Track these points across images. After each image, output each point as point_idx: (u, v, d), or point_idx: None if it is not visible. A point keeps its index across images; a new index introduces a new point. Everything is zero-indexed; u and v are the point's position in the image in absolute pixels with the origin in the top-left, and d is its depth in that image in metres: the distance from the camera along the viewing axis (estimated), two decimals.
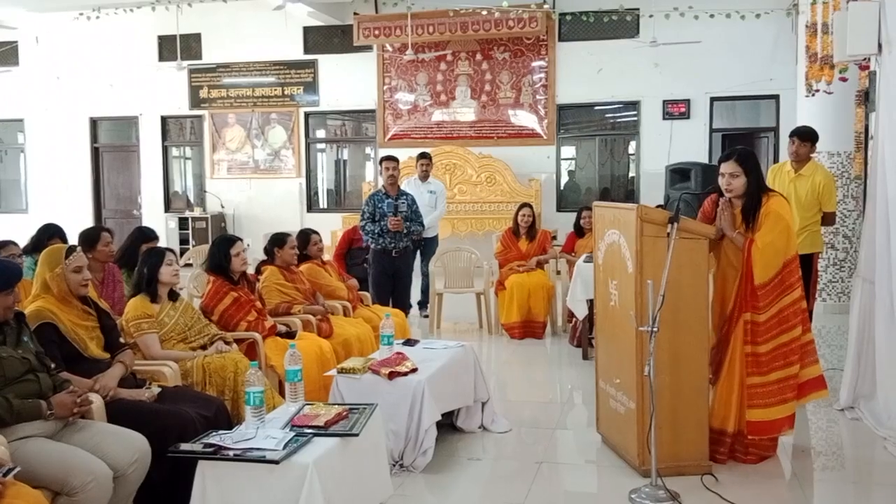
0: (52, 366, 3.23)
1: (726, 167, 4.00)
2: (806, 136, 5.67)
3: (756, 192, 3.98)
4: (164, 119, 13.90)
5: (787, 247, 3.92)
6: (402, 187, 7.82)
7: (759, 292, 3.88)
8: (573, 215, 8.01)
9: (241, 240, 5.08)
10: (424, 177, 8.54)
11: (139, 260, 4.43)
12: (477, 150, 12.03)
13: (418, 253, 8.12)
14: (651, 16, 11.27)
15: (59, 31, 13.70)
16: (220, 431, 3.19)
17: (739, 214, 4.03)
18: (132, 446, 3.08)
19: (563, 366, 6.59)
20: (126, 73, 13.61)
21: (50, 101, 13.99)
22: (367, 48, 12.57)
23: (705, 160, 11.06)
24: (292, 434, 3.13)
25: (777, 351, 3.93)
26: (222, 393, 4.09)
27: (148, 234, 5.58)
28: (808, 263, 5.42)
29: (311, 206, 13.44)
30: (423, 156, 8.69)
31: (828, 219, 5.74)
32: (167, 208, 13.95)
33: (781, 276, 3.90)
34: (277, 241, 5.63)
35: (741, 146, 4.37)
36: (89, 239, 4.97)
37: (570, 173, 12.80)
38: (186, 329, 4.30)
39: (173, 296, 4.35)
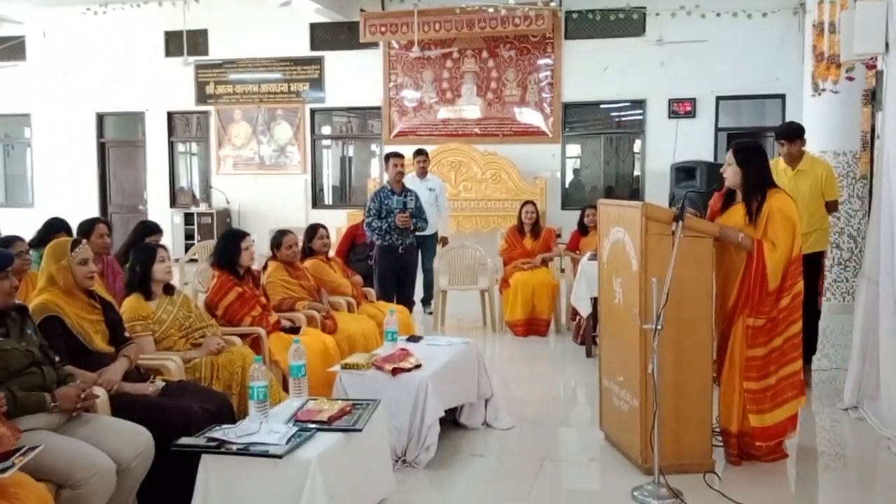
0: (57, 359, 3.24)
1: (726, 156, 4.11)
2: (793, 136, 5.44)
3: (756, 186, 3.98)
4: (170, 115, 13.93)
5: (793, 248, 3.92)
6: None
7: (771, 298, 3.87)
8: (578, 213, 8.01)
9: (249, 234, 5.09)
10: (422, 174, 8.52)
11: (131, 257, 4.39)
12: (482, 148, 12.03)
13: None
14: (657, 14, 11.28)
15: (66, 27, 13.73)
16: (224, 426, 3.20)
17: (742, 208, 4.02)
18: (136, 440, 3.09)
19: (567, 363, 6.59)
20: (132, 68, 13.64)
21: (56, 96, 14.02)
22: (374, 45, 12.57)
23: (711, 159, 11.04)
24: (296, 429, 3.14)
25: (772, 354, 3.93)
26: (230, 388, 4.09)
27: (152, 228, 5.59)
28: (816, 261, 5.37)
29: (317, 202, 13.46)
30: (419, 152, 8.63)
31: (832, 207, 5.56)
32: (173, 204, 13.99)
33: (783, 277, 3.90)
34: (275, 242, 5.64)
35: (747, 140, 4.37)
36: (84, 230, 4.99)
37: (576, 171, 12.80)
38: (186, 321, 4.25)
39: (169, 290, 4.31)
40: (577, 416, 5.24)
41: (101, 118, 14.26)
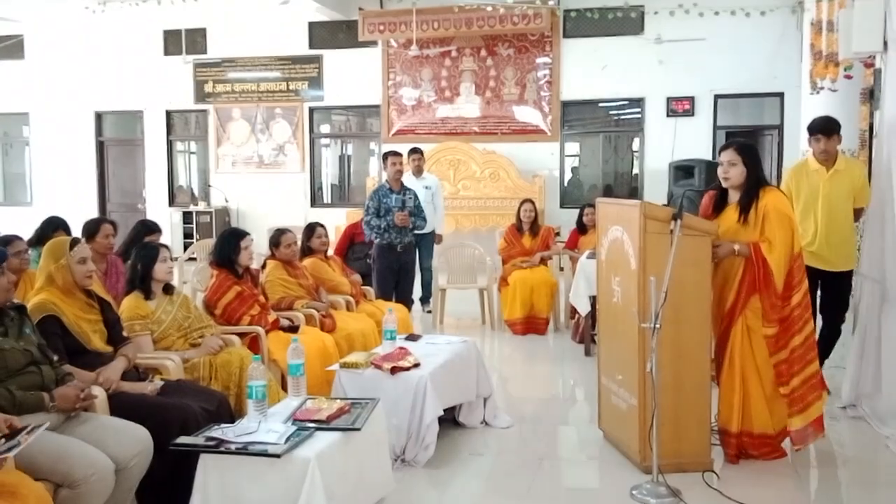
0: (55, 358, 3.24)
1: (725, 155, 4.03)
2: (831, 130, 4.90)
3: (755, 185, 3.97)
4: (168, 113, 13.91)
5: (793, 244, 3.92)
6: None
7: (783, 297, 3.88)
8: (576, 212, 8.01)
9: (249, 234, 5.09)
10: (418, 172, 8.47)
11: (132, 255, 4.38)
12: (481, 146, 12.03)
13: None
14: (656, 13, 11.29)
15: (65, 25, 13.70)
16: (223, 425, 3.20)
17: (736, 207, 4.01)
18: (134, 439, 3.08)
19: (566, 362, 6.59)
20: (131, 67, 13.61)
21: (55, 94, 14.00)
22: (372, 43, 12.56)
23: (709, 157, 11.05)
24: (294, 428, 3.14)
25: (794, 355, 3.94)
26: (228, 388, 4.08)
27: (151, 227, 5.59)
28: (846, 281, 5.13)
29: (315, 201, 13.45)
30: (414, 150, 8.56)
31: (858, 214, 5.13)
32: (171, 202, 13.98)
33: (789, 275, 3.90)
34: (274, 241, 5.64)
35: (742, 139, 4.34)
36: (90, 230, 4.99)
37: (574, 170, 12.80)
38: (185, 321, 4.24)
39: (169, 290, 4.29)
40: (575, 414, 5.24)
41: (99, 117, 14.25)
